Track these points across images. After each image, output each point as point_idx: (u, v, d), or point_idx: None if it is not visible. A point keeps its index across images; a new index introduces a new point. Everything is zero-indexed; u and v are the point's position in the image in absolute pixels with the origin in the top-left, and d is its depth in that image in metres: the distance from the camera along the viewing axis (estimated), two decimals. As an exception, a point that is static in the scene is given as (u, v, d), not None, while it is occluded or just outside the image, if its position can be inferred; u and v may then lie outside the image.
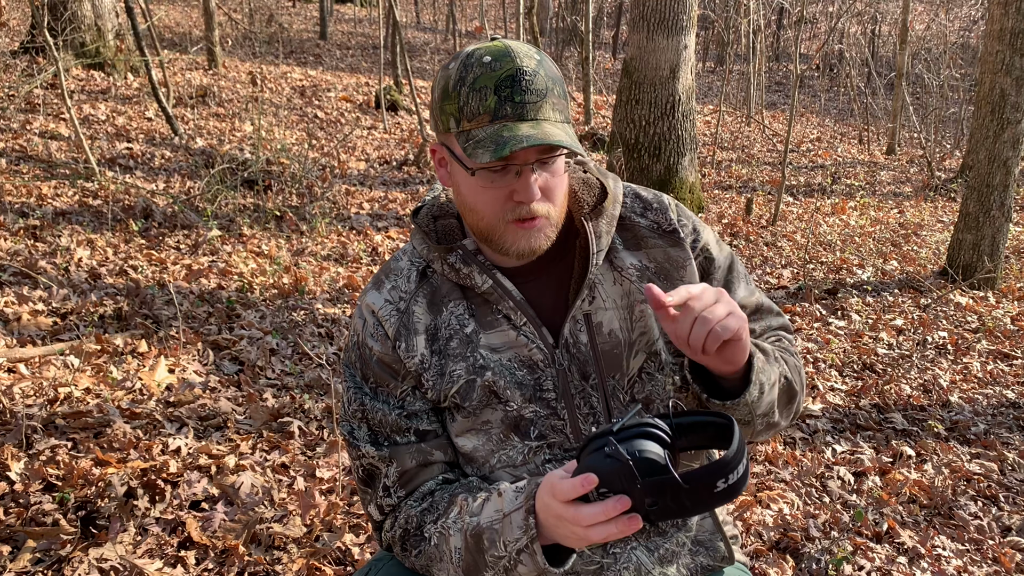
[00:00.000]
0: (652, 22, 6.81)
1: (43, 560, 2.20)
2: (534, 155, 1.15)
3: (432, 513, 1.24)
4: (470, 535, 1.17)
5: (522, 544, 1.11)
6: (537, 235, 1.20)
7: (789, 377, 1.30)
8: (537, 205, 1.18)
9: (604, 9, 22.37)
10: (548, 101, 1.14)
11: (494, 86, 1.12)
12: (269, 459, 2.82)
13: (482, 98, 1.12)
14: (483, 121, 1.13)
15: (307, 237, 5.47)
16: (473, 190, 1.19)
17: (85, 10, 8.61)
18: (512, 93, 1.12)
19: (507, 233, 1.19)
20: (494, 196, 1.17)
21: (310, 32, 17.54)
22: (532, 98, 1.13)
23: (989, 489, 3.24)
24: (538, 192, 1.17)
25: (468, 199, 1.20)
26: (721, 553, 1.37)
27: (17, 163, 5.96)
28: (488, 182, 1.17)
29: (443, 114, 1.17)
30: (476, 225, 1.22)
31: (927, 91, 15.51)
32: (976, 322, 5.34)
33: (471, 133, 1.13)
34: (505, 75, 1.12)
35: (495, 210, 1.18)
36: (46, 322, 3.60)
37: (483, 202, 1.18)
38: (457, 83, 1.14)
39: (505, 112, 1.12)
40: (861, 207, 9.02)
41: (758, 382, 1.19)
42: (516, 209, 1.17)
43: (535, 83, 1.13)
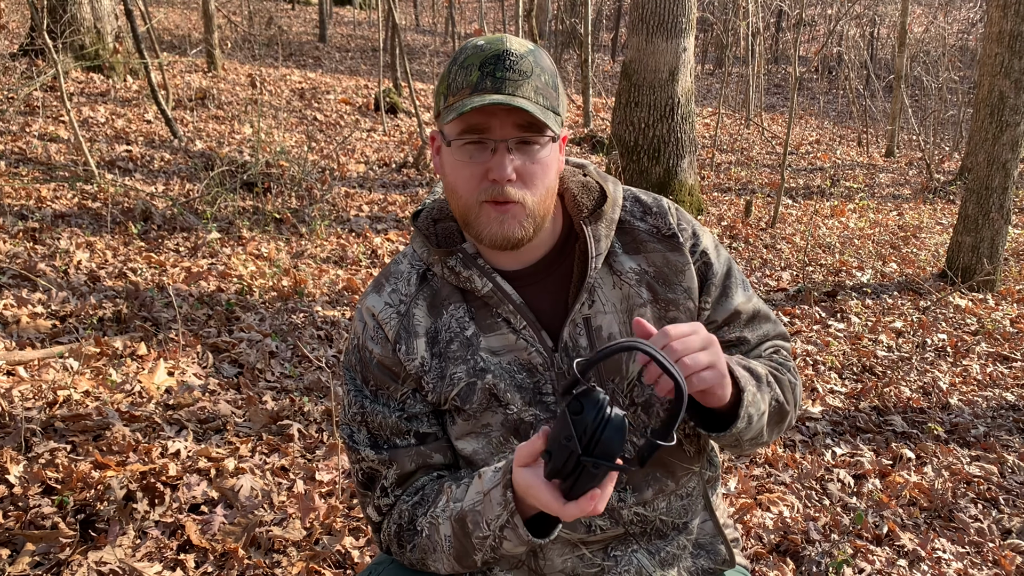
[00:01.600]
0: (651, 25, 6.82)
1: (42, 563, 2.19)
2: (511, 132, 1.16)
3: (423, 505, 1.25)
4: (455, 520, 1.18)
5: (503, 520, 1.12)
6: (511, 221, 1.19)
7: (780, 400, 1.30)
8: (511, 188, 1.17)
9: (603, 12, 22.39)
10: (531, 83, 1.16)
11: (479, 63, 1.16)
12: (269, 462, 2.82)
13: (467, 74, 1.16)
14: (464, 94, 1.15)
15: (306, 239, 5.46)
16: (452, 167, 1.20)
17: (84, 13, 8.61)
18: (494, 69, 1.15)
19: (481, 215, 1.19)
20: (471, 173, 1.18)
21: (309, 35, 17.55)
22: (513, 75, 1.15)
23: (989, 492, 3.23)
24: (511, 172, 1.16)
25: (450, 178, 1.22)
26: (722, 556, 1.37)
27: (16, 165, 5.96)
28: (465, 156, 1.18)
29: (437, 96, 1.21)
30: (457, 208, 1.23)
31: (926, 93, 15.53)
32: (975, 324, 5.34)
33: (452, 106, 1.16)
34: (492, 54, 1.16)
35: (470, 188, 1.19)
36: (45, 325, 3.59)
37: (460, 179, 1.19)
38: (450, 64, 1.19)
39: (484, 85, 1.14)
40: (860, 209, 9.02)
41: (746, 415, 1.20)
42: (490, 188, 1.18)
43: (520, 64, 1.16)
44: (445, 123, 1.18)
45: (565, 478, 1.00)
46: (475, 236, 1.23)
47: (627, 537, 1.32)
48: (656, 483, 1.31)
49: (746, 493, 3.00)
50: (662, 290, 1.29)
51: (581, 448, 0.97)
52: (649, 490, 1.30)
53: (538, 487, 1.03)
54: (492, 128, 1.16)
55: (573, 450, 0.97)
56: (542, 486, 1.02)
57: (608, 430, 0.97)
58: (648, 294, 1.29)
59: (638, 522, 1.31)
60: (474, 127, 1.16)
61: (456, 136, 1.18)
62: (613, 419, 0.98)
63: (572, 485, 1.00)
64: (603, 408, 0.98)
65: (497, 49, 1.16)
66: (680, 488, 1.33)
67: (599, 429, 0.97)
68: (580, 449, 0.97)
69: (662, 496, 1.31)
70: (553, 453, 1.00)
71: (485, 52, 1.16)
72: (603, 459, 0.97)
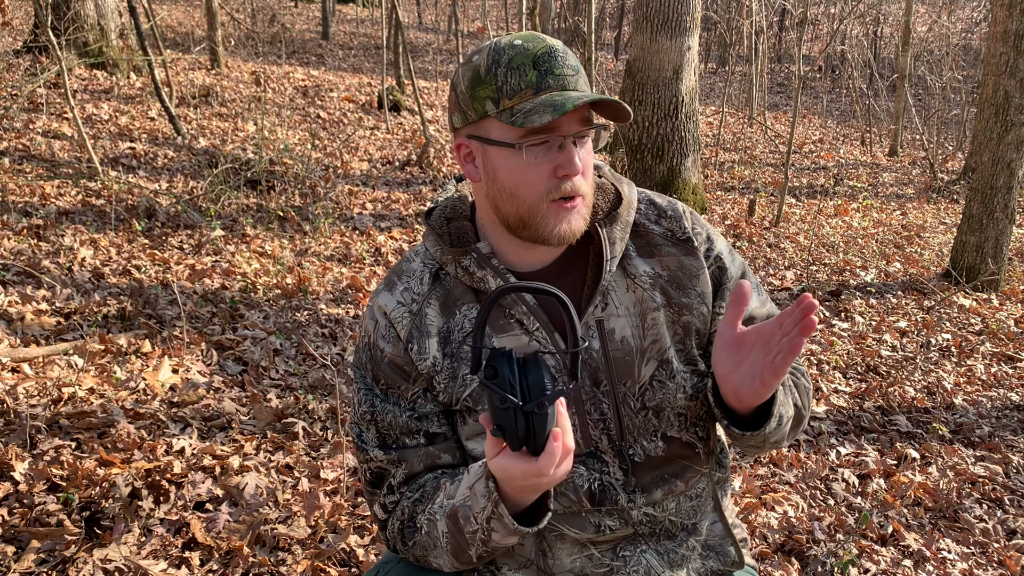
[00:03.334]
0: (656, 23, 6.81)
1: (47, 561, 2.19)
2: (577, 127, 1.17)
3: (422, 502, 1.25)
4: (448, 517, 1.18)
5: (488, 511, 1.12)
6: (575, 216, 1.20)
7: (799, 404, 1.32)
8: (579, 181, 1.18)
9: (606, 10, 22.36)
10: (582, 77, 1.18)
11: (532, 62, 1.14)
12: (273, 460, 2.82)
13: (522, 74, 1.14)
14: (527, 95, 1.14)
15: (310, 237, 5.46)
16: (515, 171, 1.18)
17: (88, 9, 8.61)
18: (551, 67, 1.15)
19: (548, 215, 1.18)
20: (538, 174, 1.17)
21: (312, 32, 17.55)
22: (570, 72, 1.16)
23: (994, 492, 3.23)
24: (580, 165, 1.17)
25: (508, 183, 1.19)
26: (732, 558, 1.37)
27: (20, 162, 5.96)
28: (533, 158, 1.16)
29: (476, 100, 1.17)
30: (515, 212, 1.20)
31: (929, 93, 15.51)
32: (980, 324, 5.33)
33: (516, 108, 1.14)
34: (541, 52, 1.15)
35: (538, 189, 1.17)
36: (50, 322, 3.59)
37: (526, 182, 1.17)
38: (491, 66, 1.16)
39: (548, 84, 1.14)
40: (864, 209, 9.01)
41: (777, 415, 1.21)
42: (560, 186, 1.17)
43: (569, 59, 1.17)
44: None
45: (526, 439, 1.02)
46: (536, 235, 1.21)
47: (636, 537, 1.31)
48: (665, 484, 1.30)
49: (751, 492, 3.00)
50: (676, 294, 1.29)
51: (520, 400, 1.00)
52: (658, 491, 1.30)
53: (511, 464, 1.04)
54: (560, 126, 1.16)
55: (514, 407, 1.00)
56: (514, 461, 1.04)
57: (529, 370, 1.01)
58: (662, 298, 1.28)
59: (647, 522, 1.31)
60: (542, 127, 1.15)
61: (521, 138, 1.15)
62: (526, 359, 1.02)
63: (534, 439, 1.02)
64: (511, 356, 1.02)
65: (543, 47, 1.16)
66: (689, 489, 1.33)
67: (521, 374, 1.00)
68: (520, 401, 0.99)
69: (671, 497, 1.31)
70: (503, 424, 1.02)
71: (532, 51, 1.15)
72: (541, 395, 1.00)
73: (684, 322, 1.29)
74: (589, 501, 1.28)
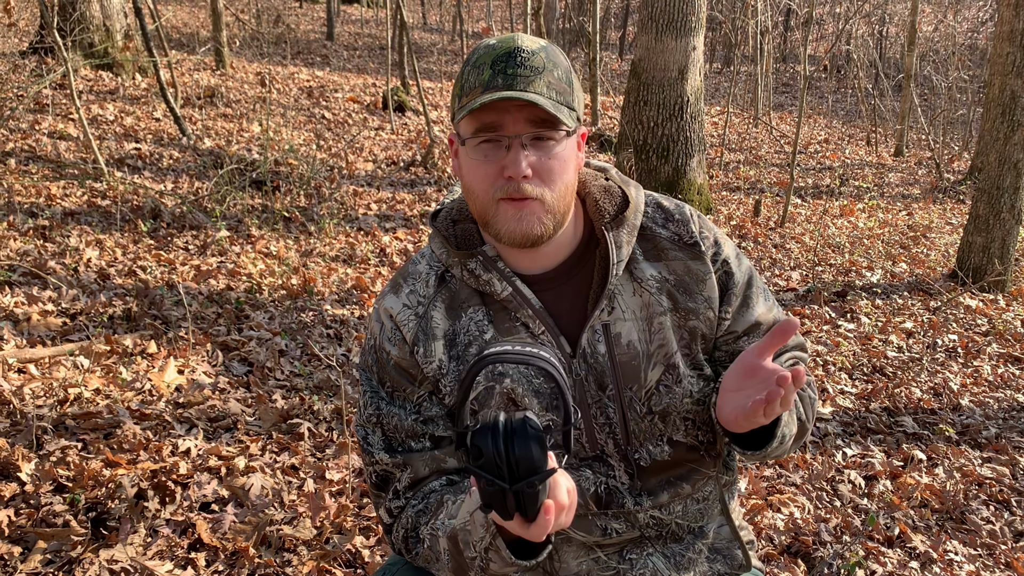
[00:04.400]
0: (661, 23, 6.80)
1: (54, 561, 2.19)
2: (524, 128, 1.16)
3: (426, 515, 1.24)
4: (448, 538, 1.17)
5: (486, 542, 1.10)
6: (529, 218, 1.17)
7: (803, 419, 1.31)
8: (527, 185, 1.16)
9: (611, 10, 22.35)
10: (543, 79, 1.15)
11: (491, 61, 1.15)
12: (279, 461, 2.82)
13: (479, 73, 1.16)
14: (476, 93, 1.15)
15: (315, 238, 5.47)
16: (469, 166, 1.20)
17: (94, 11, 8.63)
18: (505, 66, 1.15)
19: (499, 213, 1.18)
20: (486, 171, 1.18)
21: (317, 33, 17.57)
22: (524, 72, 1.15)
23: (1001, 494, 3.22)
24: (526, 168, 1.15)
25: (466, 178, 1.21)
26: (739, 561, 1.37)
27: (26, 163, 5.97)
28: (480, 155, 1.17)
29: (453, 98, 1.21)
30: (475, 208, 1.22)
31: (935, 92, 15.48)
32: (986, 325, 5.31)
33: (466, 105, 1.15)
34: (503, 52, 1.16)
35: (486, 186, 1.18)
36: (56, 322, 3.60)
37: (477, 178, 1.19)
38: (464, 65, 1.19)
39: (496, 83, 1.14)
40: (869, 209, 8.99)
41: (781, 435, 1.21)
42: (505, 185, 1.17)
43: (531, 60, 1.15)
44: (459, 122, 1.18)
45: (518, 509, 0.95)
46: (494, 235, 1.21)
47: (643, 540, 1.31)
48: (672, 487, 1.30)
49: (757, 494, 2.99)
50: (682, 299, 1.28)
51: (508, 482, 0.92)
52: (665, 494, 1.29)
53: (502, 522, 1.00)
54: (505, 125, 1.15)
55: (503, 489, 0.92)
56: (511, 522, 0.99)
57: (516, 447, 0.92)
58: (668, 302, 1.28)
59: (654, 525, 1.30)
60: (487, 125, 1.15)
61: (471, 135, 1.17)
62: (514, 431, 0.92)
63: (525, 512, 0.95)
64: (495, 432, 0.93)
65: (508, 47, 1.16)
66: (696, 492, 1.32)
67: (507, 453, 0.92)
68: (507, 483, 0.92)
69: (678, 500, 1.31)
70: (492, 504, 0.96)
71: (496, 50, 1.16)
72: (529, 475, 0.92)
73: (690, 327, 1.28)
74: (595, 504, 1.28)
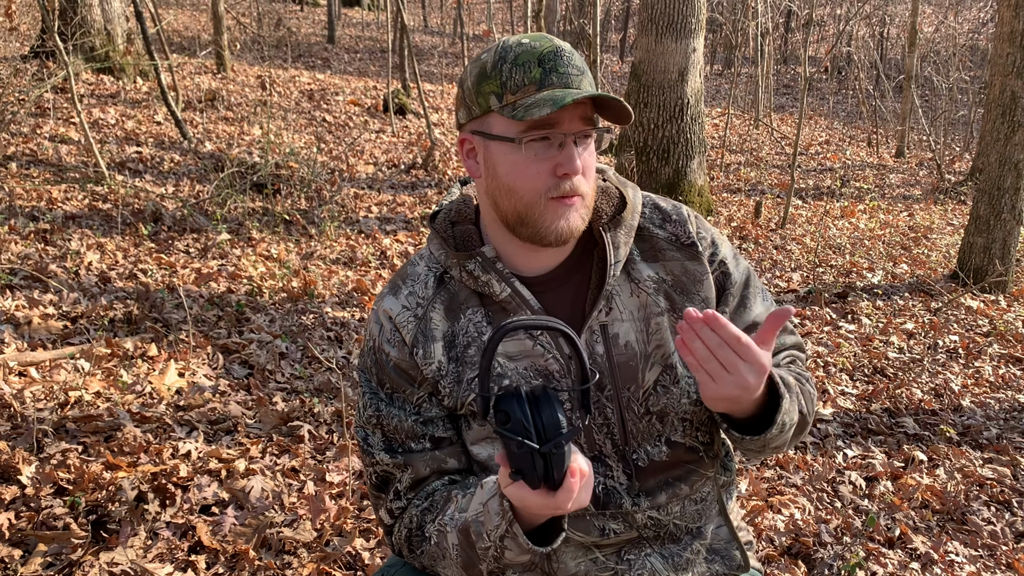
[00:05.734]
0: (660, 25, 6.81)
1: (54, 564, 2.20)
2: (579, 126, 1.17)
3: (432, 512, 1.24)
4: (460, 531, 1.18)
5: (502, 530, 1.11)
6: (575, 215, 1.19)
7: (804, 411, 1.31)
8: (579, 180, 1.18)
9: (612, 12, 22.36)
10: (587, 78, 1.18)
11: (537, 59, 1.15)
12: (279, 463, 2.82)
13: (526, 71, 1.15)
14: (530, 91, 1.15)
15: (316, 241, 5.47)
16: (515, 167, 1.18)
17: (95, 15, 8.64)
18: (556, 65, 1.16)
19: (546, 211, 1.18)
20: (537, 170, 1.17)
21: (318, 36, 17.59)
22: (574, 71, 1.17)
23: (1002, 494, 3.21)
24: (580, 165, 1.17)
25: (507, 178, 1.19)
26: (737, 561, 1.37)
27: (27, 167, 5.98)
28: (532, 153, 1.17)
29: (480, 95, 1.18)
30: (513, 208, 1.20)
31: (936, 93, 15.48)
32: (987, 326, 5.31)
33: (518, 103, 1.15)
34: (547, 50, 1.16)
35: (537, 186, 1.17)
36: (56, 326, 3.61)
37: (525, 177, 1.17)
38: (497, 63, 1.17)
39: (551, 81, 1.15)
40: (870, 210, 8.98)
41: (780, 422, 1.20)
42: (559, 185, 1.17)
43: (575, 60, 1.17)
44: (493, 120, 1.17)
45: (545, 478, 1.01)
46: (533, 233, 1.20)
47: (640, 541, 1.31)
48: (670, 488, 1.30)
49: (757, 495, 2.99)
50: (680, 299, 1.29)
51: (536, 443, 0.98)
52: (663, 494, 1.29)
53: (527, 497, 1.03)
54: (562, 123, 1.16)
55: (531, 450, 0.98)
56: (531, 495, 1.03)
57: (543, 411, 0.99)
58: (665, 303, 1.28)
59: (651, 526, 1.30)
60: (542, 123, 1.15)
61: (521, 133, 1.16)
62: (538, 398, 1.00)
63: (552, 477, 1.00)
64: (522, 398, 0.99)
65: (551, 46, 1.17)
66: (694, 493, 1.32)
67: (535, 415, 0.98)
68: (536, 444, 0.98)
69: (676, 500, 1.31)
70: (522, 468, 1.00)
71: (539, 50, 1.16)
72: (558, 435, 0.98)
73: None
74: (593, 505, 1.28)
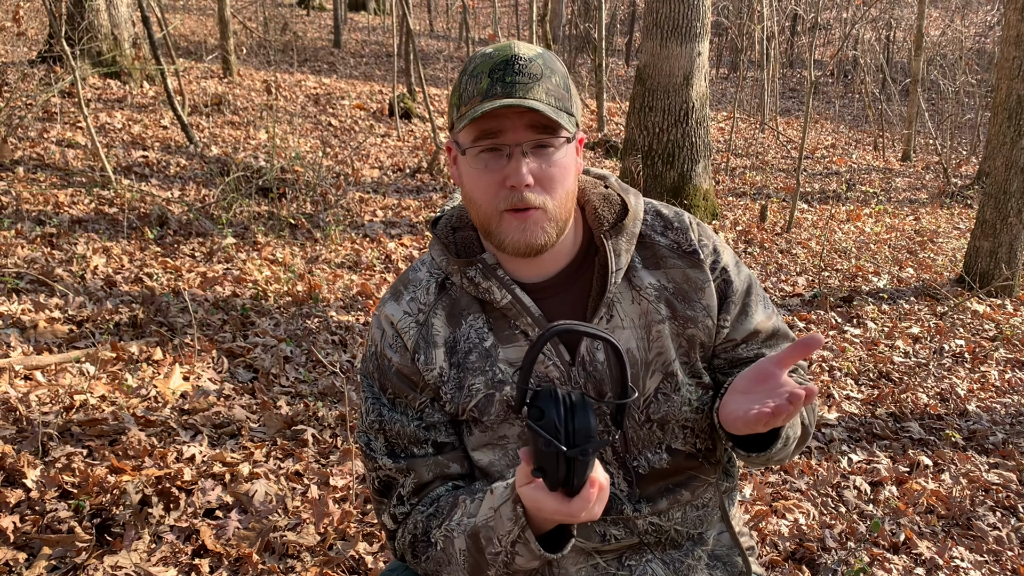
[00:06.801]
0: (665, 29, 6.81)
1: (58, 567, 2.20)
2: (524, 135, 1.15)
3: (437, 518, 1.24)
4: (469, 536, 1.17)
5: (514, 535, 1.11)
6: (533, 227, 1.17)
7: (806, 423, 1.31)
8: (530, 194, 1.16)
9: (617, 16, 22.36)
10: (541, 85, 1.15)
11: (488, 70, 1.15)
12: (283, 467, 2.83)
13: (477, 82, 1.15)
14: (475, 102, 1.15)
15: (321, 245, 5.48)
16: (470, 176, 1.19)
17: (102, 19, 8.68)
18: (504, 74, 1.14)
19: (502, 224, 1.18)
20: (488, 181, 1.17)
21: (324, 40, 17.62)
22: (523, 79, 1.14)
23: (1008, 499, 3.20)
24: (528, 177, 1.15)
25: (467, 188, 1.21)
26: (739, 568, 1.36)
27: (34, 171, 6.01)
28: (481, 165, 1.17)
29: (451, 107, 1.21)
30: (478, 218, 1.22)
31: (943, 97, 15.43)
32: (994, 330, 5.29)
33: (465, 115, 1.15)
34: (500, 60, 1.16)
35: (489, 197, 1.18)
36: (62, 329, 3.62)
37: (479, 188, 1.18)
38: (461, 74, 1.19)
39: (495, 91, 1.14)
40: (876, 214, 8.96)
41: (784, 436, 1.20)
42: (509, 196, 1.16)
43: (529, 68, 1.15)
44: (458, 131, 1.18)
45: (565, 481, 1.00)
46: (497, 245, 1.21)
47: (642, 547, 1.31)
48: (671, 494, 1.30)
49: (761, 500, 2.98)
50: (681, 307, 1.28)
51: (564, 445, 0.98)
52: (664, 501, 1.29)
53: (543, 499, 1.03)
54: (505, 132, 1.15)
55: (558, 451, 0.98)
56: (547, 497, 1.02)
57: (577, 415, 0.99)
58: (667, 310, 1.28)
59: (653, 532, 1.30)
60: (487, 132, 1.15)
61: (470, 144, 1.17)
62: (575, 402, 1.00)
63: (572, 482, 1.00)
64: (560, 399, 0.99)
65: (505, 55, 1.16)
66: (696, 499, 1.32)
67: (568, 419, 0.98)
68: (564, 447, 0.98)
69: (677, 506, 1.31)
70: (544, 467, 1.00)
71: (494, 59, 1.16)
72: (586, 443, 0.98)
73: (689, 335, 1.29)
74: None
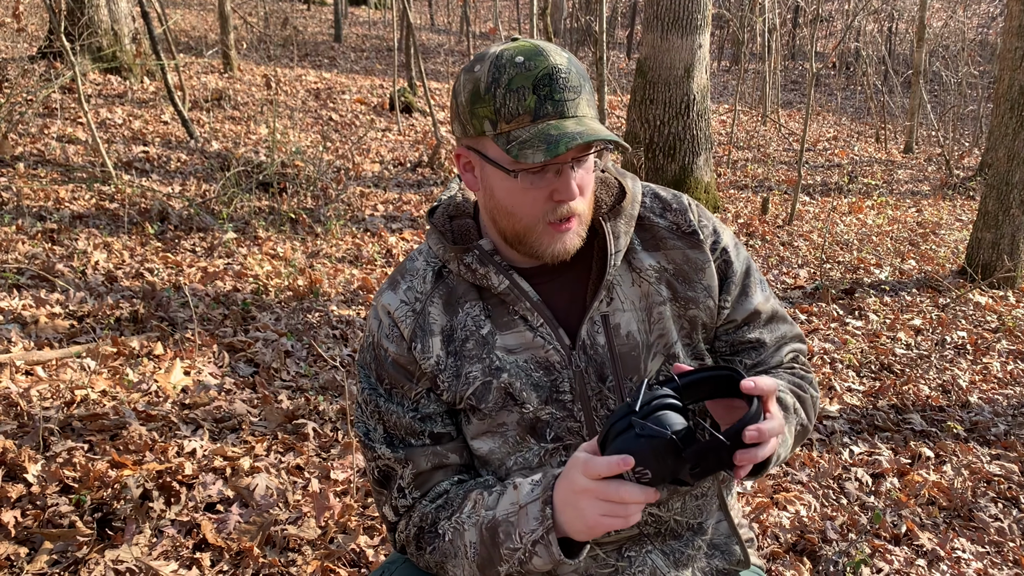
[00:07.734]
0: (666, 22, 6.79)
1: (60, 562, 2.21)
2: (574, 153, 1.14)
3: (447, 510, 1.24)
4: (485, 529, 1.16)
5: (538, 535, 1.10)
6: (572, 237, 1.19)
7: (804, 423, 1.30)
8: (576, 203, 1.17)
9: (618, 9, 22.31)
10: (583, 97, 1.14)
11: (532, 85, 1.11)
12: (284, 461, 2.83)
13: (520, 98, 1.11)
14: (524, 121, 1.11)
15: (322, 239, 5.48)
16: (512, 193, 1.17)
17: (102, 15, 8.67)
18: (551, 91, 1.11)
19: (544, 235, 1.18)
20: (534, 197, 1.16)
21: (325, 35, 17.60)
22: (570, 95, 1.12)
23: (1009, 491, 3.20)
24: (577, 190, 1.16)
25: (505, 202, 1.18)
26: (737, 557, 1.36)
27: (35, 167, 6.01)
28: (529, 184, 1.15)
29: (475, 118, 1.15)
30: (511, 228, 1.20)
31: (945, 89, 15.39)
32: (996, 322, 5.28)
33: (512, 134, 1.12)
34: (541, 73, 1.11)
35: (534, 212, 1.17)
36: (63, 325, 3.62)
37: (522, 204, 1.17)
38: (490, 85, 1.12)
39: (546, 111, 1.11)
40: (878, 206, 8.95)
41: (776, 456, 1.19)
42: (556, 210, 1.16)
43: (571, 80, 1.13)
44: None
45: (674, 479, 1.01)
46: (530, 252, 1.21)
47: (641, 538, 1.31)
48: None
49: (762, 492, 2.98)
50: (682, 288, 1.28)
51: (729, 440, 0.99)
52: (663, 490, 1.29)
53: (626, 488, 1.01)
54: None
55: (721, 445, 0.98)
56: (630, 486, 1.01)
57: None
58: (667, 292, 1.28)
59: (652, 523, 1.30)
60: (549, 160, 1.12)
61: (516, 165, 1.14)
62: None
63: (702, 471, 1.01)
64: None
65: (545, 67, 1.11)
66: (695, 488, 1.32)
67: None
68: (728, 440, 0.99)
69: (676, 496, 1.30)
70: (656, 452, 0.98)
71: (533, 72, 1.11)
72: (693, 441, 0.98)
73: (691, 316, 1.28)
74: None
